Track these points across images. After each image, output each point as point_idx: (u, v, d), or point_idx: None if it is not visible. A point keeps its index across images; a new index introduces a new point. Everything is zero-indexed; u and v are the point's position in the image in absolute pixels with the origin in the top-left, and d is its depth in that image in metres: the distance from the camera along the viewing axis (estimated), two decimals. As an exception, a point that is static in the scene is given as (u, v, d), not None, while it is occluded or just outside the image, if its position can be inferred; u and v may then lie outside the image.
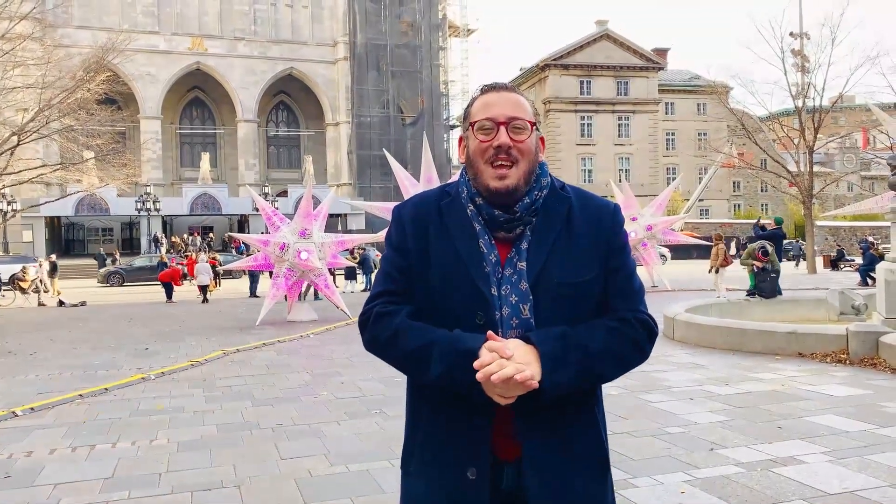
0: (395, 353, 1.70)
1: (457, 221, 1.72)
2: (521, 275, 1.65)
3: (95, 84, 26.18)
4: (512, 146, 1.67)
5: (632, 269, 1.78)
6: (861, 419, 6.06)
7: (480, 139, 1.69)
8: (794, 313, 12.78)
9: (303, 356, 10.90)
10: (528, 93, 67.07)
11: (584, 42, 64.75)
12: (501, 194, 1.67)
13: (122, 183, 31.84)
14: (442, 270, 1.69)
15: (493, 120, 1.68)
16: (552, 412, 1.64)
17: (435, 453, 1.71)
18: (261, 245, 16.04)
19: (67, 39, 40.82)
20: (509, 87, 1.75)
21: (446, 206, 1.76)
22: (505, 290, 1.65)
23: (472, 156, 1.72)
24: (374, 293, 1.78)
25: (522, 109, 1.71)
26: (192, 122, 65.28)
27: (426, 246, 1.72)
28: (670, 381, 7.93)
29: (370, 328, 1.74)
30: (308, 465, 5.24)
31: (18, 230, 45.54)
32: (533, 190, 1.71)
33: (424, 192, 1.85)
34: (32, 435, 6.38)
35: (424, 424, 1.75)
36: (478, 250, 1.68)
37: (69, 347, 12.58)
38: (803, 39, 32.69)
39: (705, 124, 67.29)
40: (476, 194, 1.71)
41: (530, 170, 1.70)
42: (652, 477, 4.71)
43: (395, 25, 58.72)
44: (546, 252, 1.68)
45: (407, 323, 1.69)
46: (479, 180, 1.70)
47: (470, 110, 1.75)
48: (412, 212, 1.79)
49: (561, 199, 1.75)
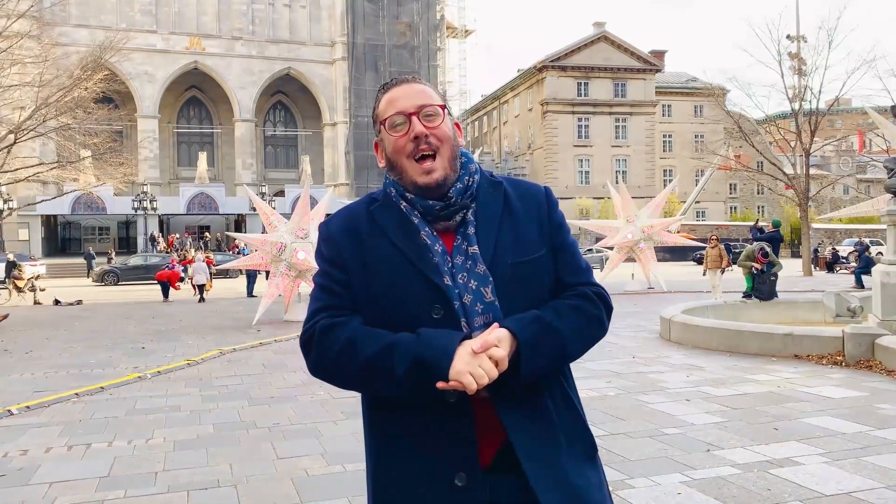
0: (350, 364, 1.57)
1: (392, 221, 1.66)
2: (475, 259, 1.60)
3: (93, 83, 26.13)
4: (428, 134, 1.62)
5: (575, 247, 1.77)
6: (857, 421, 6.07)
7: (395, 135, 1.64)
8: (791, 315, 12.81)
9: (299, 356, 10.82)
10: (526, 94, 67.48)
11: (582, 44, 64.80)
12: (431, 189, 1.62)
13: (118, 182, 31.82)
14: (386, 273, 1.61)
15: (403, 112, 1.63)
16: (531, 401, 1.60)
17: (412, 470, 1.59)
18: (258, 244, 16.03)
19: (65, 38, 40.80)
20: (410, 79, 1.71)
21: (377, 210, 1.69)
22: (462, 277, 1.59)
23: (391, 156, 1.66)
24: (314, 309, 1.66)
25: (429, 96, 1.66)
26: (189, 122, 65.24)
27: (362, 256, 1.64)
28: (667, 383, 7.94)
29: (317, 345, 1.61)
30: (305, 464, 5.23)
31: (14, 228, 45.47)
32: (463, 175, 1.67)
33: (351, 204, 1.77)
34: (28, 433, 6.37)
35: (395, 444, 1.62)
36: (421, 243, 1.62)
37: (65, 346, 12.55)
38: (800, 42, 32.80)
39: (702, 126, 67.26)
40: (405, 190, 1.66)
41: (453, 155, 1.66)
42: (649, 478, 4.71)
43: (392, 26, 58.73)
44: (494, 234, 1.64)
45: (362, 329, 1.59)
46: (406, 178, 1.64)
47: (377, 111, 1.69)
48: (342, 223, 1.71)
49: (494, 185, 1.73)
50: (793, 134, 32.17)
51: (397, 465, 1.62)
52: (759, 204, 74.49)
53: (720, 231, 55.23)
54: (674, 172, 65.67)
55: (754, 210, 73.56)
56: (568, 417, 1.67)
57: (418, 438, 1.59)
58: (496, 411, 1.57)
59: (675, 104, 71.25)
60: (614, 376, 8.39)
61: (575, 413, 1.69)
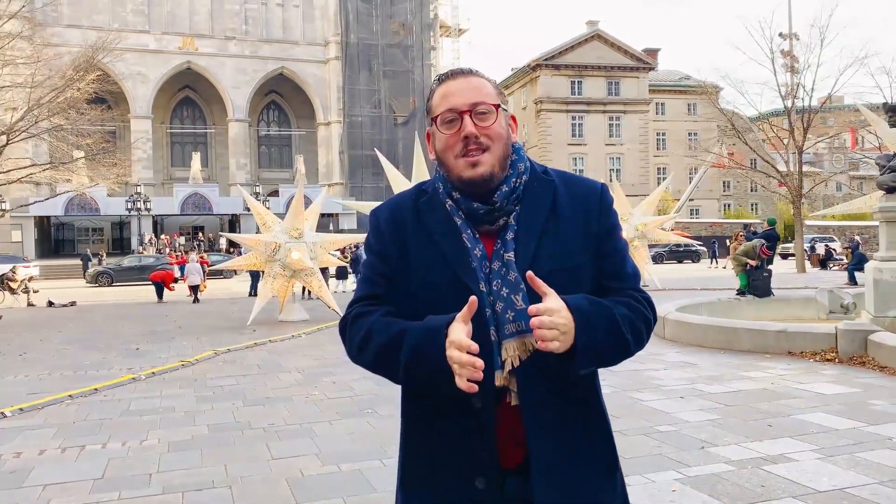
0: (368, 353, 1.61)
1: (436, 219, 1.64)
2: (509, 266, 1.57)
3: (85, 83, 26.03)
4: (479, 134, 1.58)
5: (624, 251, 1.70)
6: (850, 417, 6.10)
7: (446, 133, 1.60)
8: (784, 312, 12.85)
9: (294, 356, 10.88)
10: (520, 93, 67.41)
11: (575, 42, 64.83)
12: (476, 183, 1.58)
13: (112, 183, 31.66)
14: (425, 271, 1.61)
15: (455, 110, 1.58)
16: (561, 413, 1.57)
17: (437, 466, 1.62)
18: (252, 245, 16.01)
19: (57, 38, 40.46)
20: (467, 71, 1.66)
21: (424, 204, 1.68)
22: (496, 284, 1.57)
23: (440, 152, 1.63)
24: (354, 298, 1.71)
25: (484, 92, 1.61)
26: (182, 122, 65.02)
27: (406, 249, 1.64)
28: (661, 380, 7.96)
29: (348, 333, 1.66)
30: (300, 464, 5.23)
31: (7, 230, 45.30)
32: (511, 177, 1.62)
33: (400, 194, 1.77)
34: (22, 435, 6.35)
35: (422, 437, 1.66)
36: (461, 246, 1.60)
37: (59, 347, 12.51)
38: (792, 40, 32.89)
39: (695, 124, 67.52)
40: (453, 188, 1.63)
41: (504, 154, 1.61)
42: (643, 475, 4.73)
43: (386, 25, 58.68)
44: (534, 240, 1.60)
45: (380, 319, 1.61)
46: (453, 174, 1.61)
47: (431, 103, 1.65)
48: (389, 215, 1.71)
49: (544, 184, 1.67)
50: (786, 131, 32.25)
51: (423, 459, 1.66)
52: (753, 201, 74.69)
53: (714, 229, 55.49)
54: (667, 170, 65.72)
55: (748, 208, 73.80)
56: (595, 429, 1.66)
57: (445, 434, 1.61)
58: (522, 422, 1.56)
59: (669, 102, 71.38)
60: (608, 374, 8.40)
61: (604, 427, 1.68)
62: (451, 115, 1.59)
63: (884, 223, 10.42)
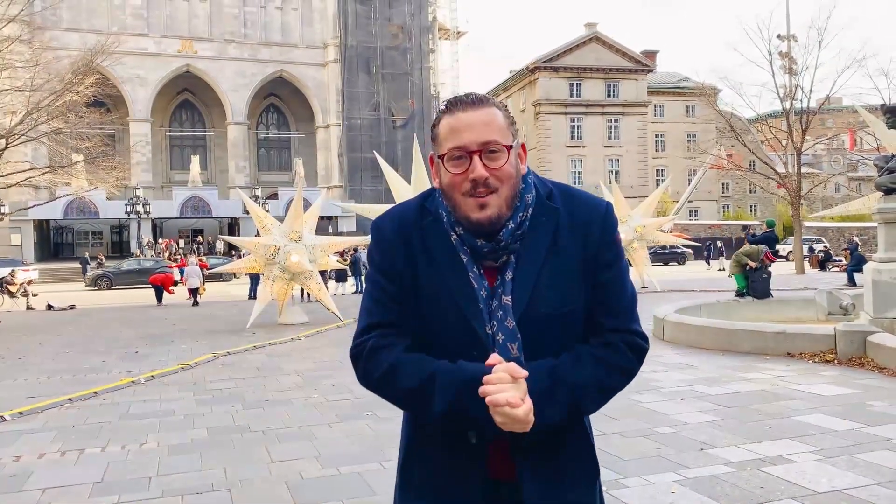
0: (391, 391, 1.61)
1: (442, 249, 1.60)
2: (506, 311, 1.56)
3: (84, 87, 26.07)
4: (489, 176, 1.51)
5: (622, 282, 1.65)
6: (849, 418, 6.11)
7: (453, 172, 1.53)
8: (783, 313, 12.86)
9: (294, 359, 10.88)
10: (518, 95, 67.43)
11: (574, 44, 64.89)
12: (483, 225, 1.54)
13: (111, 186, 31.70)
14: (434, 303, 1.60)
15: (464, 149, 1.51)
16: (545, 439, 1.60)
17: (432, 473, 1.65)
18: (252, 248, 16.01)
19: (56, 42, 40.55)
20: (477, 100, 1.56)
21: (429, 226, 1.63)
22: (491, 327, 1.57)
23: (446, 188, 1.57)
24: (367, 324, 1.64)
25: (495, 129, 1.54)
26: (181, 125, 65.05)
27: (415, 268, 1.61)
28: (660, 382, 7.97)
29: (364, 363, 1.62)
30: (299, 467, 5.23)
31: (6, 234, 45.26)
32: (517, 212, 1.58)
33: (402, 207, 1.71)
34: (21, 439, 6.35)
35: (421, 445, 1.68)
36: (469, 285, 1.58)
37: (58, 351, 12.50)
38: (790, 42, 32.95)
39: (694, 126, 67.52)
40: (457, 223, 1.58)
41: (512, 195, 1.56)
42: (642, 477, 4.73)
43: (385, 28, 58.74)
44: (532, 282, 1.57)
45: (403, 358, 1.58)
46: (458, 212, 1.56)
47: (437, 132, 1.57)
48: (395, 229, 1.65)
49: (548, 213, 1.62)
50: (784, 133, 32.30)
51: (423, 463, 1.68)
52: (752, 203, 74.74)
53: (713, 230, 55.50)
54: (666, 172, 65.75)
55: (747, 209, 73.81)
56: (578, 448, 1.69)
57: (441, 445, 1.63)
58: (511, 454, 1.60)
59: (668, 104, 71.45)
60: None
61: (586, 443, 1.72)
62: (458, 153, 1.53)
63: (882, 224, 10.42)
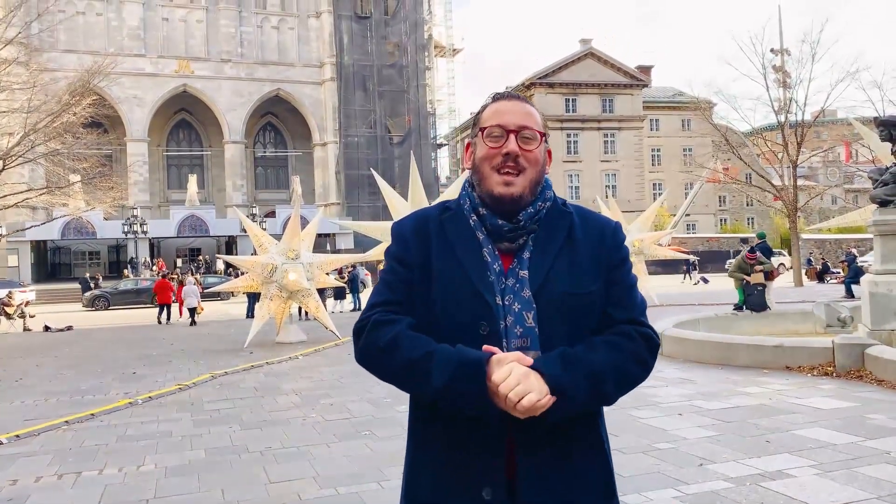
0: (391, 362, 1.63)
1: (459, 233, 1.71)
2: (523, 283, 1.63)
3: (81, 108, 26.13)
4: (520, 154, 1.66)
5: (632, 283, 1.76)
6: (848, 431, 6.10)
7: (489, 145, 1.68)
8: (781, 326, 12.86)
9: (291, 378, 10.84)
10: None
11: (569, 60, 65.35)
12: (505, 201, 1.66)
13: (108, 206, 31.71)
14: (445, 281, 1.66)
15: (504, 127, 1.68)
16: (554, 430, 1.60)
17: (445, 475, 1.64)
18: (249, 266, 16.00)
19: (53, 63, 40.70)
20: (521, 97, 1.76)
21: (448, 219, 1.74)
22: (508, 299, 1.62)
23: (478, 161, 1.71)
24: (373, 302, 1.73)
25: (533, 119, 1.71)
26: (179, 144, 65.16)
27: (428, 260, 1.70)
28: (659, 397, 7.95)
29: (366, 336, 1.67)
30: (297, 488, 5.20)
31: (4, 255, 45.25)
32: (537, 201, 1.70)
33: (424, 209, 1.84)
34: (18, 462, 6.31)
35: (430, 446, 1.69)
36: (481, 260, 1.66)
37: (55, 372, 12.45)
38: (784, 55, 33.18)
39: (690, 140, 67.84)
40: (479, 204, 1.70)
41: (537, 180, 1.70)
42: (642, 493, 4.71)
43: (381, 46, 59.11)
44: (549, 262, 1.67)
45: (407, 332, 1.63)
46: (484, 185, 1.69)
47: (480, 116, 1.75)
48: (413, 225, 1.77)
49: (563, 214, 1.75)
50: (780, 146, 32.46)
51: (430, 470, 1.68)
52: (749, 216, 74.93)
53: (710, 243, 55.56)
54: (663, 186, 66.01)
55: (744, 222, 73.98)
56: (589, 454, 1.69)
57: (454, 444, 1.63)
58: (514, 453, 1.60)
59: (663, 118, 71.84)
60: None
61: (600, 452, 1.71)
62: (498, 131, 1.68)
63: (878, 237, 10.44)
